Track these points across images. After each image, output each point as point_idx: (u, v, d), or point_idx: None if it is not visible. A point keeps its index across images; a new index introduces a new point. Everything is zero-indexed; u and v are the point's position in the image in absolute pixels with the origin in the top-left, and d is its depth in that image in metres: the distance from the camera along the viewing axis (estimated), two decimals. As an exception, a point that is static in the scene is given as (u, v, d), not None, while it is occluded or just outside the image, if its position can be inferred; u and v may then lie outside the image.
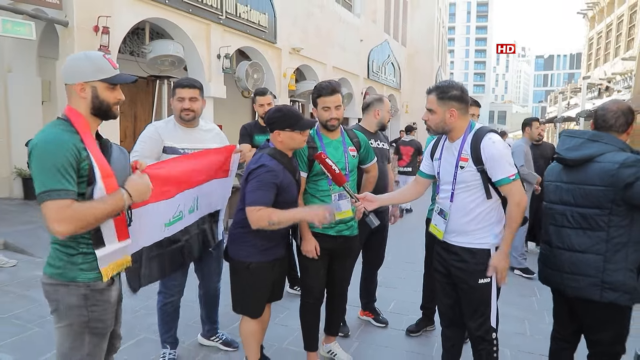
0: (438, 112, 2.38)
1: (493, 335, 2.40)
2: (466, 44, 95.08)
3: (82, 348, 1.79)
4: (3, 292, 4.15)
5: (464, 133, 2.38)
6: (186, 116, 2.83)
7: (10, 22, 6.02)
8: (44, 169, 1.62)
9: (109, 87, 1.81)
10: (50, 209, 1.61)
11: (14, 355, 3.02)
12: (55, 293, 1.76)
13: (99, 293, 1.80)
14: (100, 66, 1.80)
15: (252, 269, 2.54)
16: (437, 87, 2.42)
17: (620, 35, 20.68)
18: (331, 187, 2.66)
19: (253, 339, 2.69)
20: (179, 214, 2.55)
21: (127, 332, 3.36)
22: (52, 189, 1.61)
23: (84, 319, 1.77)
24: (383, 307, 3.87)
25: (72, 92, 1.79)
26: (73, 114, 1.78)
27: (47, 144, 1.65)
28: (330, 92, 2.71)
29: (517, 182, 2.27)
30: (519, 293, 4.60)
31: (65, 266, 1.74)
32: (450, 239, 2.45)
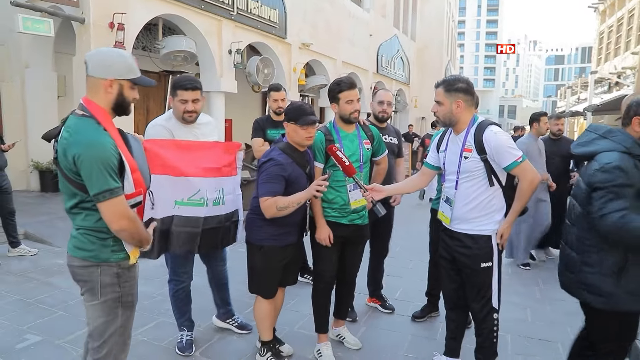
0: (445, 104, 2.53)
1: (494, 316, 2.57)
2: (476, 37, 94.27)
3: (116, 320, 1.99)
4: (27, 279, 4.36)
5: (468, 126, 2.53)
6: (189, 118, 2.86)
7: (31, 19, 6.23)
8: (97, 171, 1.76)
9: (131, 86, 1.96)
10: (111, 208, 1.79)
11: (41, 336, 3.22)
12: (90, 274, 1.93)
13: (127, 270, 1.99)
14: (131, 66, 1.94)
15: (264, 252, 2.74)
16: (445, 80, 2.58)
17: (631, 29, 20.48)
18: (346, 178, 2.81)
19: (266, 319, 2.87)
20: (200, 200, 2.70)
21: (146, 316, 3.56)
22: (107, 189, 1.77)
23: (117, 294, 1.96)
24: (390, 295, 4.02)
25: (99, 85, 1.89)
26: (96, 110, 1.88)
27: (95, 148, 1.78)
28: (350, 86, 2.88)
29: (525, 162, 2.42)
30: (522, 283, 4.73)
31: (98, 249, 1.90)
32: (454, 226, 2.61)
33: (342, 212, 2.89)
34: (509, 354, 3.21)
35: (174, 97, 2.85)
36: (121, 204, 1.82)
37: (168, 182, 2.58)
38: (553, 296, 4.35)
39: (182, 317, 3.15)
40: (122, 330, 2.02)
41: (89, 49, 6.86)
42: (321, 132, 2.91)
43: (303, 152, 2.76)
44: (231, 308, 3.44)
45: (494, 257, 2.53)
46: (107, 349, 1.99)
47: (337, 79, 2.98)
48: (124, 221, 1.82)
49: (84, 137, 1.80)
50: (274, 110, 4.21)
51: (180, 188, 2.64)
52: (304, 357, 3.05)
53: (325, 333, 3.05)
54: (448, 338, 2.88)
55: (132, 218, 1.86)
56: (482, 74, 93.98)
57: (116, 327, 1.99)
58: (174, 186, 2.60)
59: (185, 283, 3.10)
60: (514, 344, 3.36)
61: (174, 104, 2.86)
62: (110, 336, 1.99)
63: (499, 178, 2.50)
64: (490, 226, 2.52)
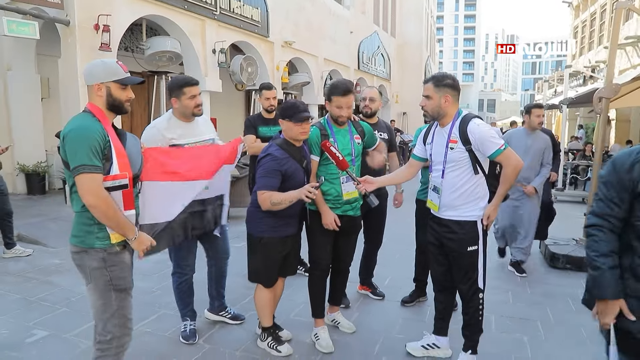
0: (434, 98, 2.74)
1: (480, 296, 2.80)
2: (455, 32, 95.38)
3: (111, 304, 2.17)
4: (26, 279, 4.45)
5: (453, 119, 2.74)
6: (199, 111, 3.06)
7: (15, 22, 6.24)
8: (79, 148, 1.99)
9: (120, 87, 2.18)
10: (85, 181, 1.99)
11: (48, 331, 3.34)
12: (81, 259, 2.15)
13: (114, 255, 2.17)
14: (113, 70, 2.17)
15: (264, 243, 2.91)
16: (434, 76, 2.82)
17: (603, 24, 21.13)
18: (339, 171, 2.99)
19: (266, 307, 3.05)
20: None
21: (148, 310, 3.70)
22: (85, 164, 1.99)
23: (106, 278, 2.15)
24: (379, 283, 4.23)
25: (91, 91, 2.17)
26: (94, 109, 2.15)
27: (81, 129, 2.04)
28: (343, 93, 3.01)
29: (508, 149, 2.63)
30: (504, 269, 4.99)
31: (85, 235, 2.12)
32: (441, 213, 2.82)
33: (336, 203, 3.07)
34: (493, 332, 3.45)
35: (181, 96, 2.98)
36: (94, 181, 2.00)
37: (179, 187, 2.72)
38: (530, 279, 4.64)
39: (185, 308, 3.29)
40: (118, 313, 2.19)
41: (75, 51, 6.92)
42: (316, 127, 3.08)
43: (299, 147, 2.93)
44: (224, 301, 3.56)
45: (479, 241, 2.76)
46: (111, 334, 2.18)
47: (336, 81, 3.13)
48: (93, 197, 2.00)
49: (73, 121, 2.10)
50: (265, 108, 4.37)
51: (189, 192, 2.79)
52: (302, 342, 3.23)
53: (321, 318, 3.24)
54: (437, 318, 3.10)
55: (103, 197, 2.02)
56: (461, 69, 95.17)
57: (113, 311, 2.17)
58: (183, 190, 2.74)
59: (188, 275, 3.23)
60: (497, 323, 3.60)
61: (183, 102, 2.99)
62: (109, 319, 2.17)
63: (482, 167, 2.73)
64: (476, 212, 2.74)
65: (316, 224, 3.09)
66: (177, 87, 3.00)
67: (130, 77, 2.21)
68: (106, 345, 2.19)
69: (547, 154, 4.70)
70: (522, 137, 4.67)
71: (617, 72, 16.26)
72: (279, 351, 3.04)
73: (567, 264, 4.97)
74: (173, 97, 3.02)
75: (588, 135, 18.41)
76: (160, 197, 2.64)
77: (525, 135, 4.69)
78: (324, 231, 3.07)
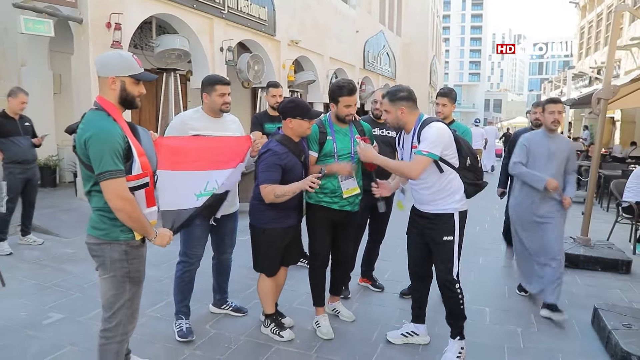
0: (391, 112, 2.98)
1: (456, 286, 2.98)
2: (461, 32, 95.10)
3: (124, 294, 2.22)
4: (41, 266, 4.65)
5: (415, 125, 2.94)
6: (226, 108, 3.23)
7: (32, 20, 6.44)
8: (104, 153, 2.01)
9: (134, 82, 2.19)
10: (112, 186, 2.03)
11: (63, 314, 3.53)
12: (102, 250, 2.17)
13: (135, 249, 2.22)
14: (130, 64, 2.17)
15: (267, 234, 3.09)
16: (388, 92, 3.03)
17: (609, 25, 21.12)
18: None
19: (268, 294, 3.24)
20: (213, 189, 2.93)
21: (157, 297, 3.89)
22: (111, 170, 2.01)
23: (125, 270, 2.20)
24: (379, 276, 4.39)
25: (104, 83, 2.15)
26: (107, 105, 2.13)
27: (104, 133, 2.04)
28: (350, 92, 3.20)
29: (422, 157, 2.77)
30: (501, 265, 5.15)
31: (109, 228, 2.15)
32: (421, 207, 3.05)
33: (333, 197, 3.22)
34: (487, 324, 3.61)
35: (211, 93, 3.17)
36: (119, 185, 2.03)
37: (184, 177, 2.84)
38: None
39: (181, 302, 3.30)
40: (129, 303, 2.24)
41: (87, 48, 7.10)
42: (316, 125, 3.24)
43: (298, 143, 3.10)
44: (227, 295, 3.68)
45: (455, 232, 2.95)
46: (117, 320, 2.22)
47: (340, 81, 3.27)
48: (120, 201, 2.04)
49: (94, 124, 2.07)
50: (272, 105, 4.53)
51: (199, 182, 2.89)
52: (304, 329, 3.40)
53: (322, 306, 3.41)
54: (414, 307, 3.31)
55: (130, 200, 2.06)
56: (467, 68, 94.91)
57: (125, 301, 2.22)
58: (194, 179, 2.85)
59: (194, 266, 3.30)
60: (491, 316, 3.76)
61: (212, 98, 3.17)
62: (119, 308, 2.21)
63: (449, 163, 2.89)
64: (452, 205, 2.93)
65: (315, 218, 3.26)
66: (210, 83, 3.19)
67: (146, 73, 2.23)
68: (111, 332, 2.23)
69: (572, 160, 3.89)
70: (543, 141, 3.83)
71: (623, 73, 16.32)
72: (281, 336, 3.21)
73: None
74: (204, 92, 3.20)
75: (593, 136, 18.45)
76: (171, 185, 2.74)
77: (545, 138, 3.84)
78: (322, 225, 3.24)
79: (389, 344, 3.21)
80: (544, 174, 3.72)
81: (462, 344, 3.02)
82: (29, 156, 5.16)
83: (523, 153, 3.88)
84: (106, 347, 2.24)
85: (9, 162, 5.02)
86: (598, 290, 4.43)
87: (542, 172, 3.74)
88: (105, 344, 2.24)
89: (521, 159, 3.87)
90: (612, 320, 3.36)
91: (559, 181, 3.75)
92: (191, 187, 2.87)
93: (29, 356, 2.92)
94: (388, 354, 3.10)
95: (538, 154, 3.82)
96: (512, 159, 3.95)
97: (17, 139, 5.05)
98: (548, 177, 3.69)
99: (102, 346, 2.25)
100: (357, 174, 3.27)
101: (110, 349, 2.25)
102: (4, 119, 5.04)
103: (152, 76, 2.31)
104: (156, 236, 2.24)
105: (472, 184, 2.98)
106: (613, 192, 7.13)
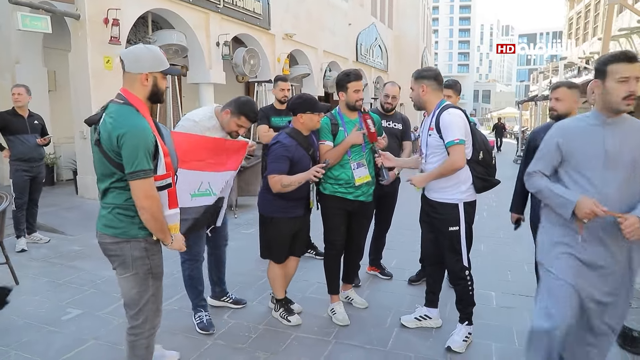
0: (414, 89, 3.06)
1: (466, 273, 3.05)
2: (450, 23, 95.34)
3: (148, 290, 2.21)
4: (51, 264, 4.68)
5: (435, 108, 2.99)
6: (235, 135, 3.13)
7: (29, 17, 6.42)
8: (138, 151, 1.98)
9: (163, 76, 2.16)
10: (142, 185, 2.01)
11: (81, 310, 3.58)
12: (121, 249, 2.14)
13: (154, 244, 2.20)
14: (161, 59, 2.14)
15: (275, 223, 3.20)
16: (416, 70, 3.12)
17: (597, 16, 21.36)
18: (350, 157, 3.24)
19: (277, 280, 3.36)
20: (206, 191, 2.99)
21: (171, 290, 3.94)
22: (144, 169, 1.99)
23: (146, 267, 2.18)
24: (386, 265, 4.49)
25: (135, 80, 2.09)
26: (135, 101, 2.08)
27: (139, 130, 2.00)
28: (357, 77, 3.31)
29: (458, 145, 2.79)
30: (503, 251, 5.28)
31: (127, 226, 2.12)
32: (429, 194, 3.11)
33: (348, 187, 3.30)
34: (494, 307, 3.73)
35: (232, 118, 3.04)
36: (150, 185, 2.03)
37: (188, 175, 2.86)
38: (528, 260, 4.91)
39: (197, 298, 3.33)
40: (154, 298, 2.24)
41: (85, 44, 7.09)
42: (327, 117, 3.33)
43: (307, 136, 3.20)
44: (225, 287, 3.66)
45: (460, 223, 2.99)
46: (144, 316, 2.22)
47: (346, 70, 3.38)
48: (149, 200, 2.02)
49: (128, 120, 2.02)
50: (279, 99, 4.59)
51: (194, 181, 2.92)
52: (319, 316, 3.49)
53: (337, 294, 3.50)
54: (428, 292, 3.40)
55: (157, 200, 2.05)
56: (456, 60, 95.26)
57: (149, 296, 2.21)
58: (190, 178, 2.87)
59: (198, 262, 3.31)
60: (498, 299, 3.88)
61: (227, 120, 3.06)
62: (145, 304, 2.21)
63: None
64: (457, 195, 2.97)
65: (331, 207, 3.34)
66: (238, 110, 3.04)
67: (173, 67, 2.21)
68: (139, 329, 2.23)
69: None
70: (596, 133, 2.16)
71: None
72: (289, 321, 3.34)
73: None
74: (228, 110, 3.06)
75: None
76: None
77: (600, 127, 2.16)
78: (337, 214, 3.34)
79: (403, 327, 3.31)
80: (596, 188, 2.11)
81: (469, 329, 3.10)
82: (35, 154, 5.17)
83: (550, 156, 2.27)
84: (136, 343, 2.25)
85: (15, 159, 5.05)
86: (598, 274, 4.56)
87: (596, 185, 2.12)
88: (135, 340, 2.25)
89: (542, 167, 2.31)
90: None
91: (625, 199, 2.09)
92: (187, 186, 2.88)
93: (53, 350, 2.97)
94: (403, 337, 3.20)
95: (587, 156, 2.15)
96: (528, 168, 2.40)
97: (24, 136, 5.06)
98: (582, 197, 2.08)
99: (131, 342, 2.25)
100: (368, 163, 3.35)
101: (140, 345, 2.26)
102: (12, 116, 5.06)
103: (177, 70, 2.31)
104: (172, 241, 2.21)
105: (481, 178, 3.00)
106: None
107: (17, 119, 5.06)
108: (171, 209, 2.17)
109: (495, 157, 3.14)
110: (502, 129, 24.30)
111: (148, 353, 2.32)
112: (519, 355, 2.97)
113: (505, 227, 6.40)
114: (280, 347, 3.05)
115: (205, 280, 3.42)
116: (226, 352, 2.97)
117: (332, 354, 2.97)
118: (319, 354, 2.96)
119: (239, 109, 3.04)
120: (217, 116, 3.13)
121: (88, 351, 2.97)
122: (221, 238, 3.56)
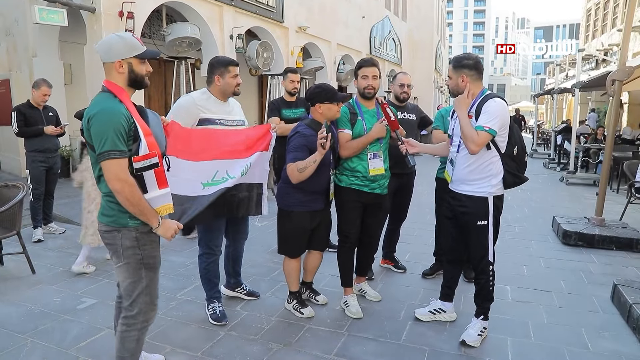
0: (453, 78, 2.95)
1: (490, 268, 3.00)
2: (464, 16, 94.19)
3: (141, 281, 2.19)
4: (67, 254, 4.73)
5: (476, 97, 2.89)
6: (238, 90, 3.23)
7: (46, 10, 6.47)
8: (105, 133, 1.95)
9: (140, 61, 2.14)
10: (110, 167, 1.97)
11: (96, 299, 3.61)
12: (113, 238, 2.14)
13: (146, 235, 2.16)
14: (133, 44, 2.12)
15: (292, 217, 3.17)
16: (455, 57, 3.01)
17: (617, 7, 20.88)
18: (368, 147, 3.22)
19: (292, 274, 3.36)
20: (222, 179, 2.96)
21: (185, 281, 3.97)
22: (111, 150, 1.96)
23: (138, 257, 2.15)
24: (400, 258, 4.46)
25: (111, 68, 2.10)
26: (114, 88, 2.09)
27: (106, 112, 1.98)
28: (370, 64, 3.27)
29: (484, 133, 2.71)
30: (518, 245, 5.21)
31: (116, 214, 2.10)
32: (455, 187, 3.03)
33: (365, 180, 3.28)
34: (509, 301, 3.68)
35: (225, 74, 3.12)
36: (120, 167, 1.97)
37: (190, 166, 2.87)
38: (544, 254, 4.85)
39: (211, 290, 3.34)
40: (147, 290, 2.21)
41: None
42: (345, 107, 3.30)
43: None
44: (240, 278, 3.69)
45: (489, 217, 2.93)
46: (138, 308, 2.21)
47: (363, 58, 3.35)
48: (119, 183, 1.97)
49: (99, 104, 2.03)
50: (289, 91, 4.56)
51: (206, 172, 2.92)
52: (333, 309, 3.48)
53: (350, 287, 3.49)
54: (444, 286, 3.35)
55: (129, 182, 1.99)
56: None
57: (142, 288, 2.19)
58: (201, 169, 2.89)
59: (216, 255, 3.32)
60: (513, 293, 3.83)
61: (226, 80, 3.13)
62: (138, 295, 2.19)
63: (497, 145, 2.86)
64: (487, 189, 2.90)
65: (347, 200, 3.31)
66: (223, 65, 3.13)
67: (149, 50, 2.18)
68: (132, 320, 2.22)
69: None
70: None
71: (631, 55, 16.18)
72: (301, 313, 3.34)
73: (578, 240, 5.17)
74: (217, 74, 3.13)
75: (600, 119, 18.35)
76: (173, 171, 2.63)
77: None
78: (353, 207, 3.31)
79: (417, 321, 3.28)
80: None
81: (485, 324, 3.07)
82: (50, 145, 5.24)
83: None
84: (126, 334, 2.23)
85: (32, 150, 5.12)
86: (614, 268, 4.50)
87: None
88: (125, 331, 2.23)
89: None
90: (633, 295, 3.42)
91: None
92: (196, 177, 2.88)
93: (70, 338, 3.01)
94: (417, 330, 3.17)
95: None
96: None
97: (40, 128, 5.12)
98: None
99: (122, 333, 2.23)
100: (384, 157, 3.31)
101: (131, 336, 2.24)
102: (28, 108, 5.13)
103: (156, 52, 2.28)
104: (159, 225, 2.14)
105: (513, 174, 2.94)
106: (626, 173, 7.17)
107: (32, 111, 5.14)
108: (161, 189, 2.13)
109: (527, 154, 3.05)
110: (520, 122, 22.97)
111: (138, 347, 2.29)
112: (534, 349, 2.94)
113: (521, 221, 6.35)
114: (293, 338, 3.04)
115: (220, 270, 3.42)
116: (239, 343, 2.98)
117: (345, 346, 2.96)
118: (332, 346, 2.95)
119: (221, 64, 3.14)
120: (212, 91, 3.19)
121: (102, 340, 2.99)
122: (240, 232, 3.55)
